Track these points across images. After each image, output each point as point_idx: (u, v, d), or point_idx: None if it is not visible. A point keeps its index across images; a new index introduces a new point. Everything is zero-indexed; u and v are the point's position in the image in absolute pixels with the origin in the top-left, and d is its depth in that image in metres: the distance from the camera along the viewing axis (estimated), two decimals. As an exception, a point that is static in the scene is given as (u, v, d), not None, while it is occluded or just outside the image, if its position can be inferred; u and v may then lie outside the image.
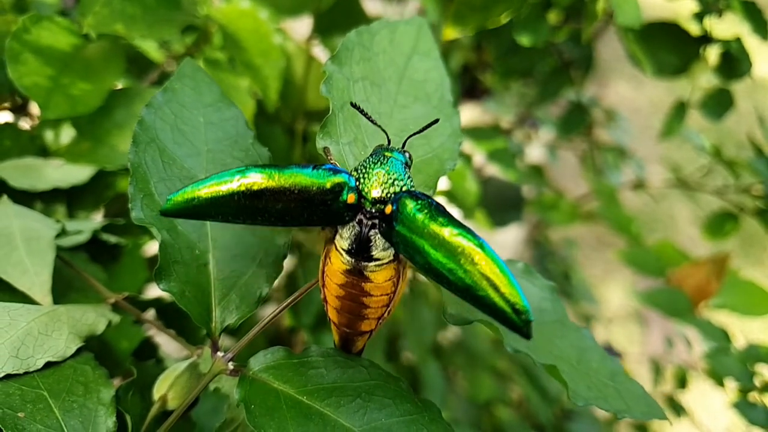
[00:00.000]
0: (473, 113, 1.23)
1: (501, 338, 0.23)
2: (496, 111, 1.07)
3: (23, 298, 0.29)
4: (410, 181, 0.24)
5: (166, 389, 0.28)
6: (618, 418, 0.24)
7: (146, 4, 0.42)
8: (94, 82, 0.41)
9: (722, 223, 0.75)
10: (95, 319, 0.29)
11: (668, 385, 0.80)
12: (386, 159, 0.24)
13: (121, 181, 0.43)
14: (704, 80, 0.67)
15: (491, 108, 1.08)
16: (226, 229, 0.27)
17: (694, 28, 0.61)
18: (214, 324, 0.26)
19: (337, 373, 0.25)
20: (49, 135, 0.44)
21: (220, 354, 0.26)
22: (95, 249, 0.37)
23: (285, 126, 0.58)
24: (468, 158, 0.69)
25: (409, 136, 0.26)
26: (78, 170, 0.41)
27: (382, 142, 0.26)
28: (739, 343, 0.64)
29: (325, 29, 0.58)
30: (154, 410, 0.28)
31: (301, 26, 0.63)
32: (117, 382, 0.29)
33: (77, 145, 0.43)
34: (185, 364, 0.28)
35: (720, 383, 0.65)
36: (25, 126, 0.44)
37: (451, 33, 0.50)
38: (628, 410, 0.24)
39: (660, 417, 0.25)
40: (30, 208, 0.35)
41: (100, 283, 0.33)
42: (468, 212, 0.63)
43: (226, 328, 0.26)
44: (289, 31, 0.57)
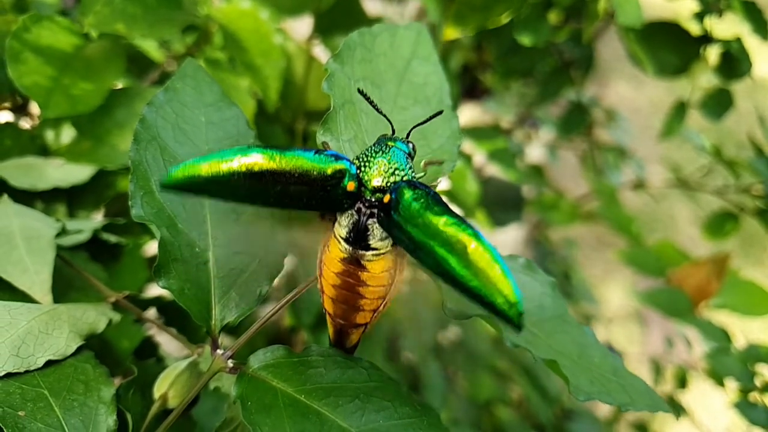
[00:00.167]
0: (473, 113, 1.23)
1: (501, 335, 0.23)
2: (497, 111, 1.07)
3: (23, 297, 0.29)
4: (411, 171, 0.24)
5: (166, 388, 0.28)
6: (622, 411, 0.24)
7: (147, 3, 0.42)
8: (95, 81, 0.41)
9: (722, 223, 0.75)
10: (96, 317, 0.29)
11: (668, 385, 0.80)
12: (388, 148, 0.24)
13: (121, 180, 0.43)
14: (704, 80, 0.67)
15: (491, 108, 1.08)
16: (226, 226, 0.27)
17: (694, 28, 0.61)
18: (213, 322, 0.26)
19: (337, 373, 0.25)
20: (50, 134, 0.44)
21: (220, 352, 0.26)
22: (95, 248, 0.37)
23: (285, 126, 0.58)
24: (468, 158, 0.69)
25: (413, 127, 0.26)
26: (78, 170, 0.41)
27: None
28: (739, 343, 0.64)
29: (325, 29, 0.58)
30: (154, 409, 0.28)
31: (301, 26, 0.63)
32: (117, 381, 0.29)
33: (78, 144, 0.43)
34: (186, 362, 0.29)
35: (720, 383, 0.65)
36: (25, 125, 0.44)
37: (452, 33, 0.50)
38: (633, 404, 0.24)
39: (664, 410, 0.25)
40: (30, 207, 0.35)
41: (101, 282, 0.33)
42: (468, 212, 0.63)
43: (225, 326, 0.26)
44: (289, 31, 0.57)
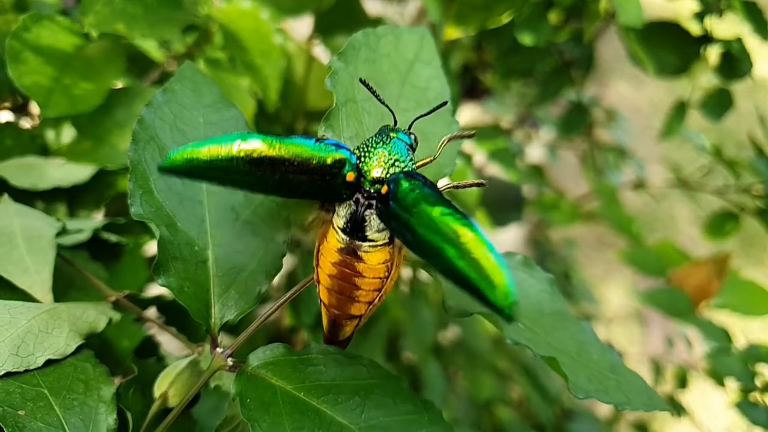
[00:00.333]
0: (473, 113, 1.23)
1: (501, 334, 0.23)
2: (497, 111, 1.07)
3: (24, 296, 0.29)
4: (412, 163, 0.24)
5: (166, 387, 0.28)
6: (618, 410, 0.24)
7: (147, 3, 0.42)
8: (95, 81, 0.41)
9: (723, 223, 0.75)
10: (96, 316, 0.29)
11: (668, 385, 0.80)
12: (389, 139, 0.24)
13: (121, 180, 0.43)
14: (704, 80, 0.67)
15: (491, 108, 1.08)
16: (225, 225, 0.27)
17: (694, 28, 0.61)
18: (213, 320, 0.26)
19: (336, 370, 0.25)
20: (50, 134, 0.44)
21: (220, 350, 0.26)
22: (96, 248, 0.37)
23: (285, 126, 0.58)
24: (469, 158, 0.69)
25: (416, 119, 0.26)
26: (79, 169, 0.41)
27: None
28: (739, 343, 0.64)
29: (325, 29, 0.58)
30: (154, 408, 0.28)
31: (301, 26, 0.63)
32: (118, 380, 0.29)
33: (78, 144, 0.43)
34: (186, 361, 0.29)
35: (720, 383, 0.65)
36: (25, 125, 0.44)
37: (453, 33, 0.50)
38: (629, 402, 0.24)
39: (662, 409, 0.25)
40: (31, 206, 0.35)
41: (101, 281, 0.33)
42: (469, 212, 0.63)
43: (225, 325, 0.26)
44: (289, 31, 0.57)
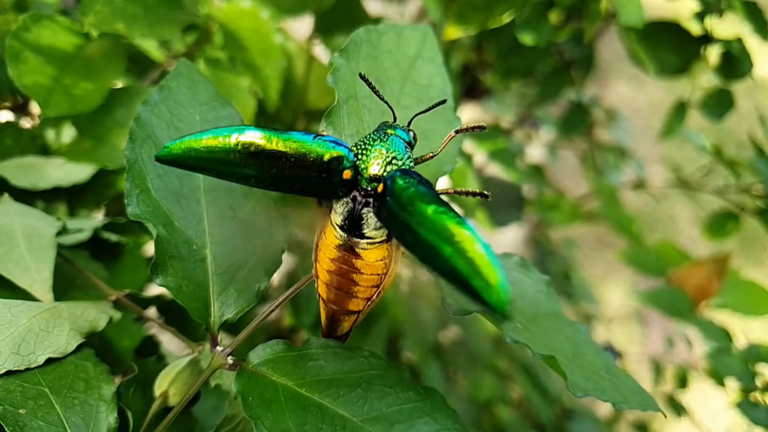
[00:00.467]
0: (473, 113, 1.23)
1: (501, 333, 0.23)
2: (497, 111, 1.07)
3: (24, 295, 0.29)
4: (410, 161, 0.24)
5: (167, 385, 0.28)
6: (617, 409, 0.24)
7: (147, 3, 0.42)
8: (95, 81, 0.41)
9: (723, 223, 0.75)
10: (96, 315, 0.29)
11: (668, 385, 0.80)
12: (387, 137, 0.24)
13: (121, 180, 0.43)
14: (705, 80, 0.67)
15: (491, 108, 1.08)
16: (223, 223, 0.27)
17: (695, 28, 0.61)
18: (212, 318, 0.26)
19: (337, 364, 0.24)
20: (50, 134, 0.44)
21: (219, 348, 0.26)
22: (96, 247, 0.37)
23: (285, 125, 0.58)
24: (469, 158, 0.69)
25: (415, 115, 0.26)
26: (79, 169, 0.41)
27: None
28: (740, 343, 0.64)
29: (326, 29, 0.58)
30: (155, 406, 0.28)
31: (302, 26, 0.63)
32: (118, 379, 0.29)
33: (78, 144, 0.43)
34: (186, 360, 0.29)
35: (720, 383, 0.65)
36: (26, 125, 0.44)
37: (454, 32, 0.50)
38: (626, 402, 0.24)
39: (655, 409, 0.25)
40: (31, 206, 0.35)
41: (101, 280, 0.34)
42: (469, 212, 0.63)
43: (225, 323, 0.26)
44: (289, 31, 0.57)
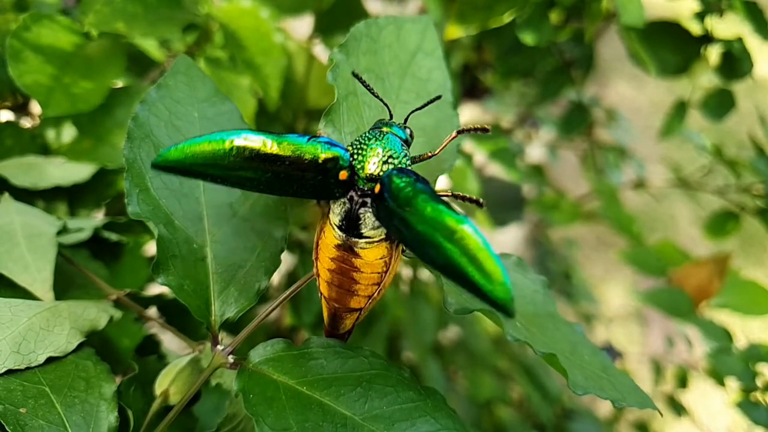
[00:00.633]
0: (474, 113, 1.23)
1: (503, 331, 0.23)
2: (497, 111, 1.07)
3: (25, 294, 0.29)
4: (407, 159, 0.24)
5: (167, 384, 0.28)
6: (616, 407, 0.24)
7: (147, 2, 0.42)
8: (95, 80, 0.41)
9: (723, 223, 0.75)
10: (97, 314, 0.29)
11: (669, 384, 0.80)
12: (383, 135, 0.24)
13: (121, 179, 0.43)
14: (705, 80, 0.67)
15: (492, 108, 1.08)
16: (223, 222, 0.27)
17: (695, 28, 0.61)
18: (213, 317, 0.26)
19: (338, 363, 0.24)
20: (51, 133, 0.44)
21: (220, 347, 0.26)
22: (97, 246, 0.37)
23: (286, 125, 0.58)
24: (469, 158, 0.69)
25: (411, 112, 0.26)
26: (79, 168, 0.41)
27: None
28: (740, 343, 0.64)
29: (326, 28, 0.58)
30: (155, 405, 0.28)
31: (302, 25, 0.63)
32: (118, 378, 0.29)
33: (78, 143, 0.43)
34: (187, 359, 0.28)
35: (721, 383, 0.65)
36: (26, 124, 0.44)
37: (455, 32, 0.50)
38: (624, 400, 0.24)
39: (651, 407, 0.25)
40: (32, 205, 0.35)
41: (102, 280, 0.33)
42: (469, 212, 0.63)
43: (225, 322, 0.26)
44: (290, 30, 0.57)
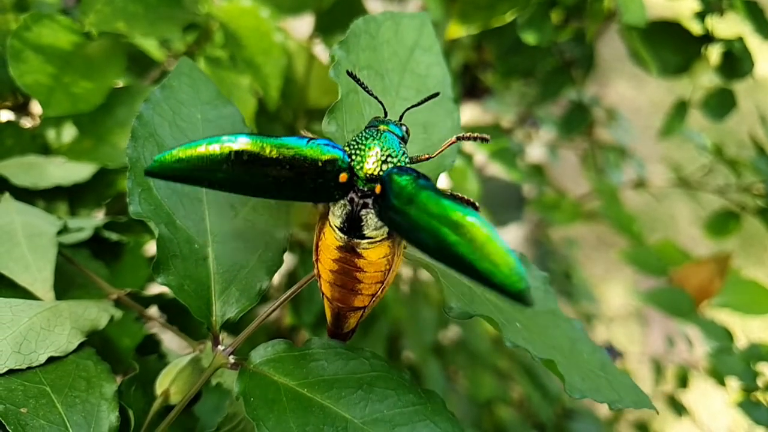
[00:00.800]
0: (474, 112, 1.23)
1: (501, 334, 0.23)
2: (497, 110, 1.07)
3: (25, 294, 0.29)
4: (404, 157, 0.24)
5: (168, 384, 0.28)
6: (612, 409, 0.24)
7: (148, 2, 0.42)
8: (96, 80, 0.41)
9: (724, 222, 0.75)
10: (97, 314, 0.29)
11: (669, 384, 0.80)
12: (380, 133, 0.24)
13: (122, 179, 0.43)
14: (705, 80, 0.67)
15: (492, 107, 1.08)
16: (225, 222, 0.27)
17: (695, 28, 0.61)
18: (214, 318, 0.26)
19: (339, 365, 0.24)
20: (51, 133, 0.44)
21: (221, 348, 0.26)
22: (97, 246, 0.37)
23: (286, 124, 0.58)
24: (469, 158, 0.69)
25: (407, 109, 0.26)
26: (80, 168, 0.41)
27: None
28: (740, 343, 0.64)
29: (326, 28, 0.58)
30: (156, 405, 0.28)
31: (302, 25, 0.63)
32: (119, 378, 0.29)
33: (79, 143, 0.43)
34: (187, 359, 0.28)
35: (722, 383, 0.65)
36: (26, 124, 0.44)
37: (456, 31, 0.50)
38: (621, 400, 0.24)
39: (649, 407, 0.25)
40: (32, 205, 0.35)
41: (102, 279, 0.33)
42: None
43: (226, 323, 0.26)
44: (290, 30, 0.57)
